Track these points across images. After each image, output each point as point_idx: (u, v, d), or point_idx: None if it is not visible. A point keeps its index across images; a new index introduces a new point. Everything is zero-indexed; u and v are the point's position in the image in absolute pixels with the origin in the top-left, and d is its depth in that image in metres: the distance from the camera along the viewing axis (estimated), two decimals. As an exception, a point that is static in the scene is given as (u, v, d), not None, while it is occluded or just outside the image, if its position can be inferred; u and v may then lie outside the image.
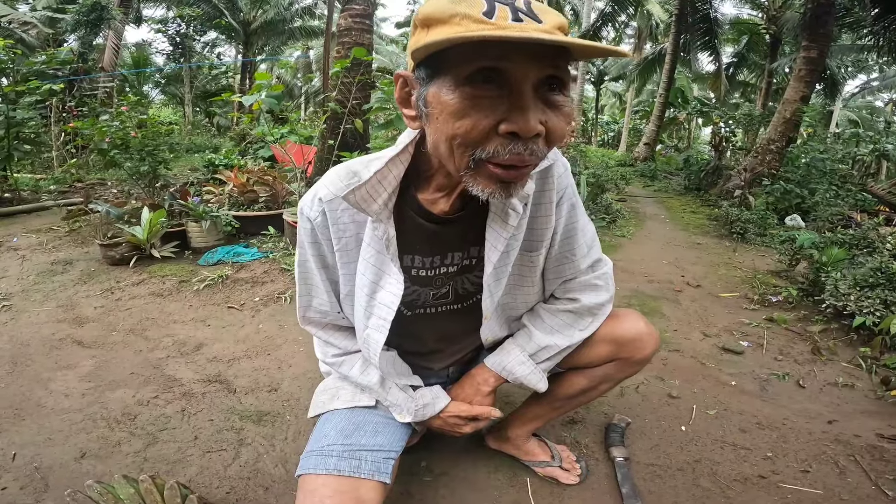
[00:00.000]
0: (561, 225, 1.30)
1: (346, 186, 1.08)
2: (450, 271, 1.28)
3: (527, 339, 1.42)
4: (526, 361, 1.41)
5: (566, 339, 1.40)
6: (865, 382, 2.60)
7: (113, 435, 1.97)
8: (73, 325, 2.99)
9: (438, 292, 1.31)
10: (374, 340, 1.25)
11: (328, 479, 1.19)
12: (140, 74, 20.87)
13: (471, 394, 1.46)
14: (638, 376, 2.40)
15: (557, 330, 1.40)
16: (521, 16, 0.81)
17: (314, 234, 1.21)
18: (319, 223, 1.18)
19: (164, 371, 2.47)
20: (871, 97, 29.51)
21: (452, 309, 1.37)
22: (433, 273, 1.27)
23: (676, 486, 1.76)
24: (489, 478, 1.75)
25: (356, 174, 1.12)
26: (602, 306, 1.42)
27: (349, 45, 6.09)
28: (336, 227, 1.18)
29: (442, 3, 0.83)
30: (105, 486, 1.45)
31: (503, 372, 1.42)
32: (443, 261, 1.25)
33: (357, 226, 1.17)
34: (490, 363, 1.44)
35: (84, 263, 4.07)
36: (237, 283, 3.63)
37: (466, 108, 0.84)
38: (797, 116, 8.89)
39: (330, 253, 1.23)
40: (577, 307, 1.40)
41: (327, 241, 1.21)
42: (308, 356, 2.61)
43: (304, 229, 1.23)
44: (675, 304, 3.59)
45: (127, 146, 5.36)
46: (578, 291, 1.40)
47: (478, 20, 0.79)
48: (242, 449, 1.91)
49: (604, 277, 1.42)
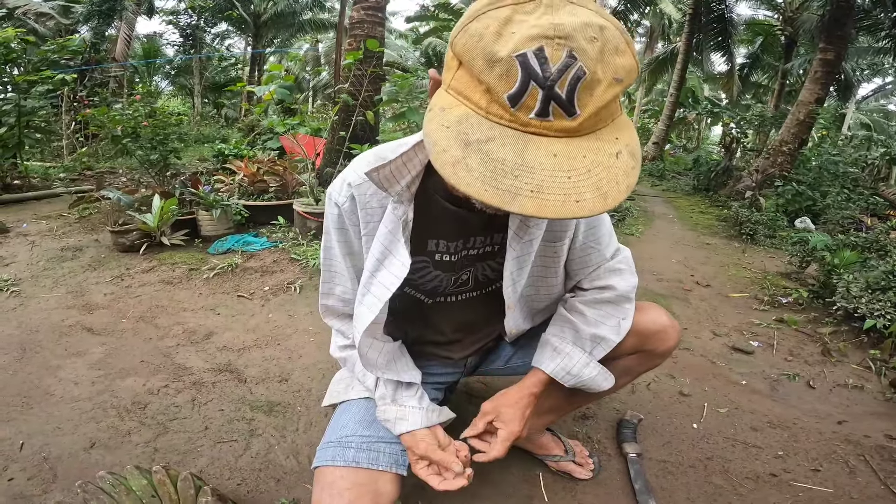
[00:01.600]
0: None
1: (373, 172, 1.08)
2: (471, 254, 1.26)
3: (578, 337, 1.33)
4: (590, 363, 1.33)
5: (614, 332, 1.35)
6: (875, 384, 2.58)
7: (123, 424, 1.96)
8: (82, 311, 2.99)
9: (459, 278, 1.30)
10: (362, 318, 1.19)
11: (346, 472, 1.18)
12: (150, 65, 20.91)
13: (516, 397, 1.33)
14: (649, 373, 2.38)
15: (602, 322, 1.34)
16: (550, 108, 0.70)
17: (341, 220, 1.18)
18: (347, 208, 1.16)
19: (174, 359, 2.47)
20: (884, 101, 29.30)
21: (472, 297, 1.36)
22: (456, 258, 1.25)
23: (689, 482, 1.75)
24: (502, 472, 1.75)
25: (384, 158, 1.08)
26: (634, 289, 1.40)
27: (361, 38, 6.06)
28: (364, 212, 1.15)
29: (484, 44, 0.71)
30: (117, 478, 1.44)
31: (567, 377, 1.32)
32: (465, 244, 1.24)
33: (385, 211, 1.14)
34: (551, 370, 1.32)
35: (94, 250, 4.08)
36: (247, 272, 3.64)
37: None
38: (811, 118, 8.81)
39: (357, 239, 1.20)
40: (617, 295, 1.35)
41: (354, 226, 1.18)
42: (318, 346, 2.61)
43: (331, 215, 1.20)
44: (684, 304, 3.58)
45: (138, 135, 5.38)
46: (607, 278, 1.37)
47: (499, 104, 0.71)
48: (253, 440, 1.90)
49: (626, 261, 1.41)
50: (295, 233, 4.44)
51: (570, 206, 0.69)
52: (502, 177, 0.69)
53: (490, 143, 0.70)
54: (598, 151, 0.73)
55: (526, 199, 0.68)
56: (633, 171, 0.74)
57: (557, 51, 0.68)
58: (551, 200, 0.68)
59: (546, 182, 0.69)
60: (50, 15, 12.41)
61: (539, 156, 0.70)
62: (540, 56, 0.68)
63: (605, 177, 0.72)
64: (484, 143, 0.70)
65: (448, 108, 0.76)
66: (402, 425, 1.24)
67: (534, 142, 0.71)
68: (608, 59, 0.71)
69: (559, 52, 0.68)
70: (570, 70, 0.69)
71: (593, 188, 0.70)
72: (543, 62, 0.68)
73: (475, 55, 0.72)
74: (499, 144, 0.70)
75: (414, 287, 1.31)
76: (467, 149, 0.70)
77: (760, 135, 15.05)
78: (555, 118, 0.71)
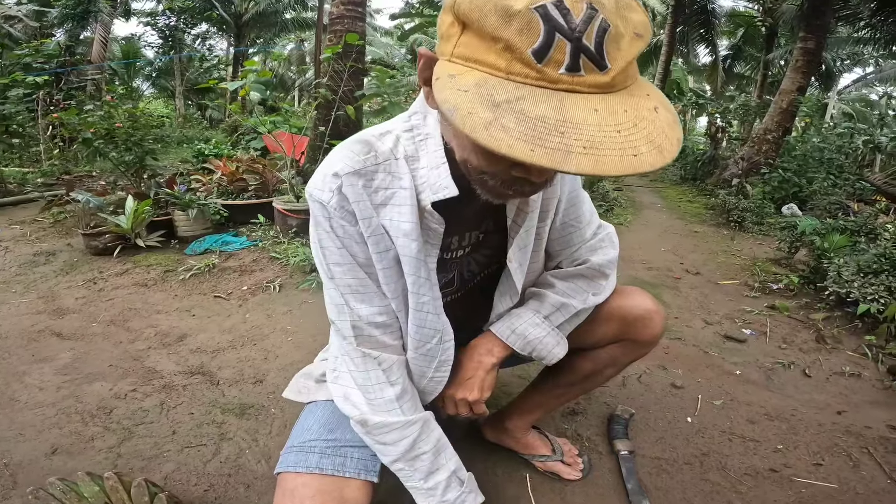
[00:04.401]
0: (566, 192, 1.20)
1: (363, 160, 0.96)
2: (464, 252, 1.17)
3: (538, 302, 1.25)
4: (541, 323, 1.22)
5: (581, 303, 1.26)
6: (872, 371, 2.52)
7: (87, 430, 1.89)
8: (52, 316, 2.89)
9: (445, 279, 1.20)
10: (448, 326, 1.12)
11: (309, 478, 1.09)
12: (130, 67, 20.69)
13: (471, 369, 1.24)
14: (640, 365, 2.32)
15: (570, 294, 1.26)
16: (580, 62, 0.62)
17: (333, 223, 0.98)
18: (337, 204, 0.96)
19: (144, 363, 2.37)
20: (865, 90, 29.51)
21: (456, 297, 1.26)
22: (450, 256, 1.15)
23: (684, 480, 1.67)
24: (487, 473, 1.66)
25: (371, 146, 0.98)
26: (612, 263, 1.31)
27: (341, 33, 5.95)
28: (360, 206, 0.96)
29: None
30: (68, 484, 1.37)
31: (512, 337, 1.22)
32: (460, 242, 1.14)
33: (375, 209, 0.98)
34: (497, 329, 1.23)
35: (67, 254, 3.97)
36: (224, 272, 3.53)
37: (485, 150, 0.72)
38: (794, 107, 8.85)
39: (360, 243, 1.00)
40: (588, 267, 1.27)
41: (352, 226, 0.98)
42: (296, 346, 2.51)
43: (319, 220, 0.99)
44: (674, 292, 3.51)
45: (112, 136, 5.25)
46: (585, 255, 1.28)
47: (522, 61, 0.63)
48: (223, 444, 1.82)
49: (608, 238, 1.32)
50: (275, 231, 4.33)
51: (628, 161, 0.61)
52: (547, 135, 0.60)
53: (522, 102, 0.62)
54: (637, 107, 0.66)
55: (581, 157, 0.60)
56: (677, 125, 0.68)
57: (578, 2, 0.62)
58: (608, 156, 0.61)
59: (597, 137, 0.61)
60: (18, 18, 12.23)
61: (581, 111, 0.62)
62: (561, 7, 0.61)
63: (653, 130, 0.65)
64: (514, 103, 0.62)
65: (459, 75, 0.67)
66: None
67: (570, 98, 0.63)
68: (624, 13, 0.65)
69: (580, 3, 0.62)
70: (595, 22, 0.62)
71: (646, 142, 0.63)
72: (566, 13, 0.61)
73: (486, 12, 0.63)
74: (531, 103, 0.62)
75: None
76: (497, 109, 0.62)
77: (745, 124, 15.10)
78: (586, 73, 0.63)
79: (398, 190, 0.97)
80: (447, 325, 1.12)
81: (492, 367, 1.24)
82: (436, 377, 1.17)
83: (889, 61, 21.25)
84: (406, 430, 1.09)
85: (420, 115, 0.99)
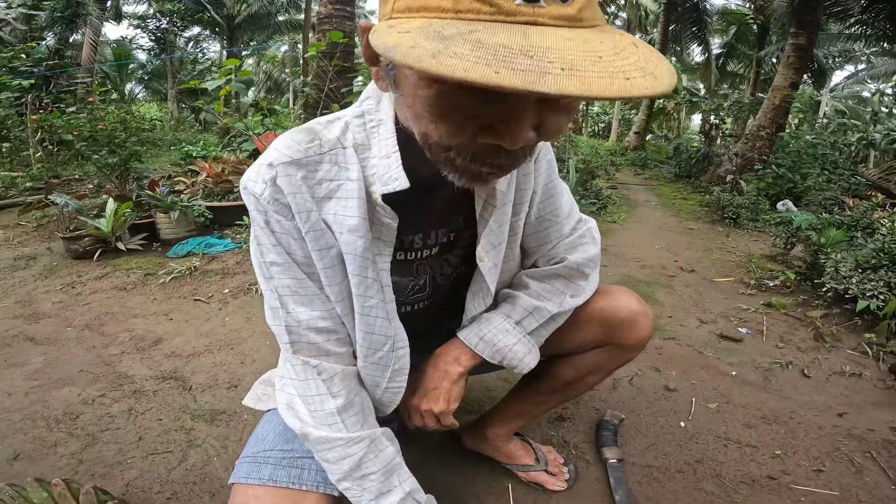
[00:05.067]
0: (541, 184, 1.11)
1: (304, 150, 0.87)
2: (432, 253, 1.08)
3: (510, 305, 1.16)
4: (511, 329, 1.13)
5: (556, 307, 1.17)
6: (873, 371, 2.43)
7: (51, 435, 1.83)
8: (27, 321, 2.82)
9: (416, 284, 1.11)
10: (402, 333, 1.03)
11: (262, 491, 1.00)
12: (122, 70, 20.59)
13: (436, 379, 1.15)
14: (631, 367, 2.23)
15: (546, 297, 1.17)
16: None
17: (268, 216, 0.89)
18: (270, 197, 0.87)
19: (115, 368, 2.30)
20: (858, 87, 29.58)
21: (428, 304, 1.17)
22: (414, 256, 1.06)
23: (676, 489, 1.58)
24: (466, 484, 1.57)
25: (315, 134, 0.89)
26: (592, 262, 1.22)
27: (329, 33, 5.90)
28: (297, 199, 0.87)
29: None
30: (17, 490, 1.32)
31: (480, 345, 1.13)
32: (425, 240, 1.05)
33: (316, 202, 0.89)
34: (464, 336, 1.15)
35: (47, 258, 3.89)
36: (206, 275, 3.44)
37: (445, 109, 0.64)
38: (786, 103, 8.91)
39: (297, 239, 0.91)
40: (565, 266, 1.17)
41: (288, 220, 0.89)
42: (273, 349, 2.42)
43: (254, 215, 0.90)
44: (668, 290, 3.42)
45: (95, 139, 5.16)
46: (563, 253, 1.19)
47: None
48: (191, 451, 1.75)
49: (588, 234, 1.23)
50: (261, 232, 4.23)
51: (619, 83, 0.49)
52: (513, 58, 0.48)
53: (476, 34, 0.51)
54: (615, 41, 0.55)
55: (561, 77, 0.48)
56: (665, 60, 0.56)
57: None
58: (594, 78, 0.49)
59: (577, 60, 0.50)
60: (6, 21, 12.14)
61: (549, 39, 0.51)
62: None
63: (641, 59, 0.54)
64: (467, 35, 0.51)
65: (399, 24, 0.57)
66: None
67: (533, 29, 0.53)
68: None
69: None
70: None
71: (635, 68, 0.52)
72: None
73: None
74: (488, 34, 0.51)
75: None
76: (446, 41, 0.50)
77: (739, 121, 15.10)
78: (547, 3, 0.54)
79: (345, 182, 0.88)
80: (400, 330, 1.02)
81: (458, 377, 1.15)
82: (391, 388, 1.07)
83: (880, 58, 21.31)
84: (349, 449, 0.97)
85: (373, 101, 0.90)
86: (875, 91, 28.96)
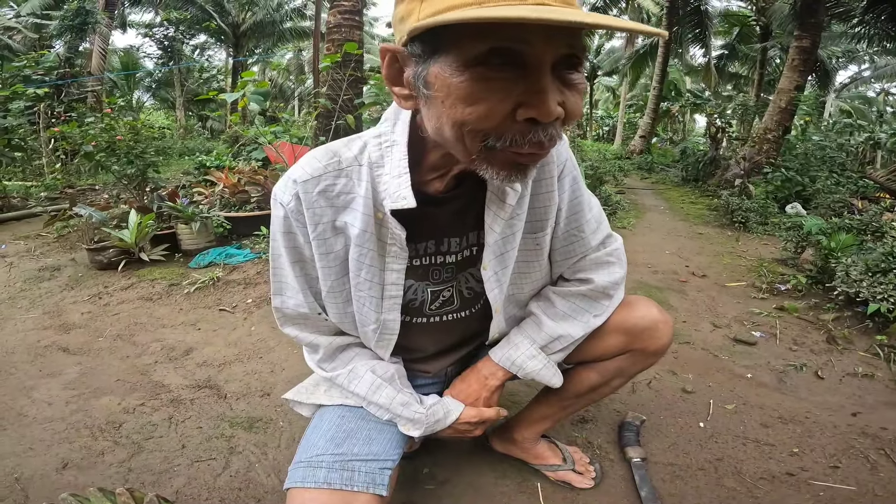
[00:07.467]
0: (565, 201, 1.19)
1: (324, 167, 1.04)
2: (447, 261, 1.17)
3: (536, 328, 1.28)
4: (537, 355, 1.27)
5: (580, 328, 1.27)
6: (885, 372, 2.49)
7: (96, 444, 1.88)
8: (58, 331, 2.89)
9: (441, 295, 1.21)
10: (392, 323, 1.18)
11: (317, 493, 1.08)
12: (129, 79, 20.73)
13: (477, 390, 1.32)
14: (649, 371, 2.28)
15: (571, 316, 1.27)
16: None
17: (287, 223, 1.09)
18: (293, 208, 1.06)
19: (151, 377, 2.36)
20: (863, 87, 29.53)
21: (460, 317, 1.27)
22: (428, 261, 1.16)
23: (699, 486, 1.65)
24: (496, 484, 1.64)
25: (335, 153, 1.05)
26: (617, 285, 1.30)
27: (339, 42, 5.98)
28: (311, 212, 1.05)
29: None
30: (80, 500, 1.35)
31: (512, 367, 1.29)
32: (438, 247, 1.15)
33: (334, 211, 1.06)
34: (497, 358, 1.30)
35: (72, 269, 3.97)
36: (229, 285, 3.52)
37: (479, 91, 0.75)
38: (792, 105, 8.90)
39: (306, 243, 1.11)
40: (591, 289, 1.27)
41: (302, 228, 1.08)
42: (302, 358, 2.47)
43: (276, 218, 1.10)
44: (681, 296, 3.48)
45: (113, 149, 5.25)
46: (590, 270, 1.28)
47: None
48: (233, 458, 1.80)
49: (616, 254, 1.31)
50: (279, 242, 4.30)
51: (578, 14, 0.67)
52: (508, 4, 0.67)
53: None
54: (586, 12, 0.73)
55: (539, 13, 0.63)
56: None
57: None
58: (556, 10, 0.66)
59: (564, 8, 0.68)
60: (17, 29, 12.28)
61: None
62: None
63: (610, 18, 0.73)
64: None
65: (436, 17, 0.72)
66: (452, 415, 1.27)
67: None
68: None
69: None
70: None
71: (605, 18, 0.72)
72: None
73: None
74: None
75: None
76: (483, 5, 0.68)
77: (744, 124, 15.12)
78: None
79: (357, 196, 1.04)
80: (391, 322, 1.19)
81: (494, 390, 1.32)
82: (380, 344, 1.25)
83: (884, 58, 21.29)
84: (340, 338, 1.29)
85: (390, 123, 1.03)
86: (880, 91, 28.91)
